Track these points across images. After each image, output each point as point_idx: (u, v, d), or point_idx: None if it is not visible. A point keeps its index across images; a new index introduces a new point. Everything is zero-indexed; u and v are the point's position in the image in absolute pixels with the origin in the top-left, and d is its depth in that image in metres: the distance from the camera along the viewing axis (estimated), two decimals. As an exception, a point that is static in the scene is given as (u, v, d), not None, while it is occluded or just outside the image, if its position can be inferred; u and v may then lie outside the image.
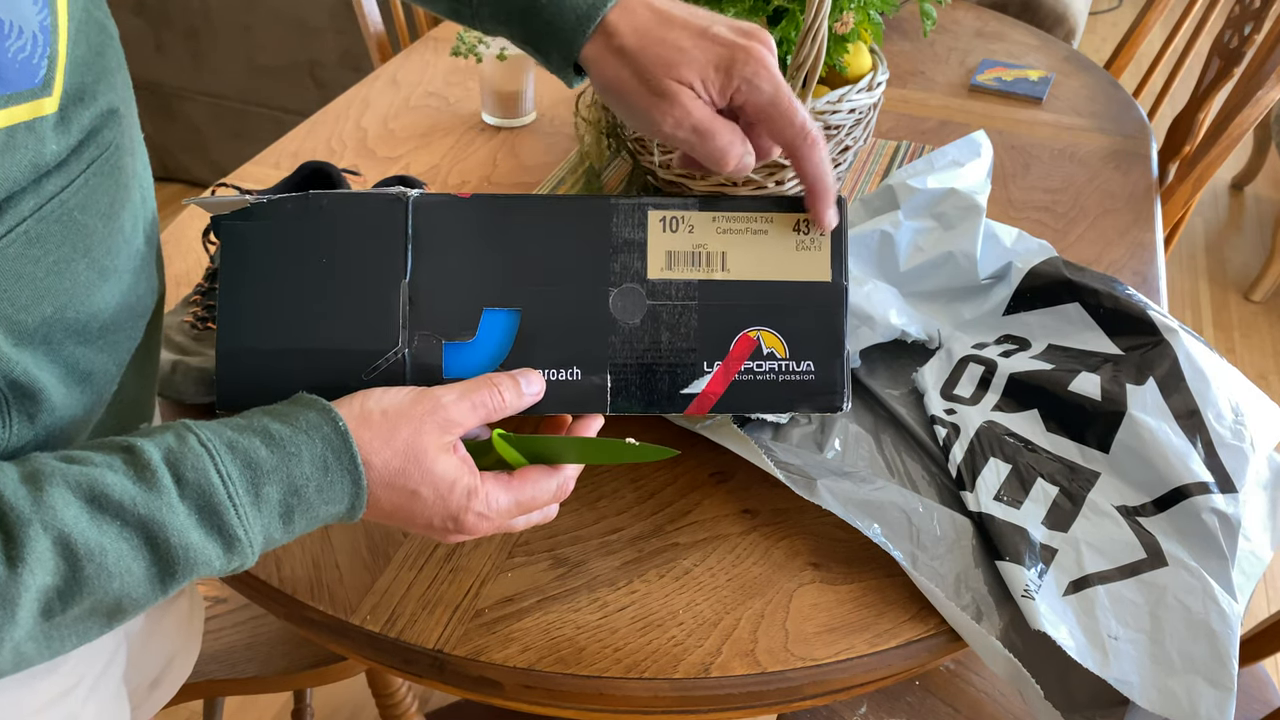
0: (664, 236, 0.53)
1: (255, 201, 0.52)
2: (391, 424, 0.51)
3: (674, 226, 0.53)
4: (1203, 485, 0.70)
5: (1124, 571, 0.68)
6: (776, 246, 0.54)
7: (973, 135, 0.97)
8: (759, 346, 0.55)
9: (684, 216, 0.53)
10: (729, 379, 0.56)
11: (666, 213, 0.53)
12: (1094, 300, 0.83)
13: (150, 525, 0.44)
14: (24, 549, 0.40)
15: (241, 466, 0.47)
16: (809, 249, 0.54)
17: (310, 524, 0.50)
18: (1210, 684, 0.63)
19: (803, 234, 0.54)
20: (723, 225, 0.54)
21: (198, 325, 0.83)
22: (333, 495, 0.49)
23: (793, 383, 0.56)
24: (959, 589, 0.68)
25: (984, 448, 0.76)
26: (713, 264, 0.54)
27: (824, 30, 0.92)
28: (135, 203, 0.52)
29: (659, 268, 0.54)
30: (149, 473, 0.45)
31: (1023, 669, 0.63)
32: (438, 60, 1.43)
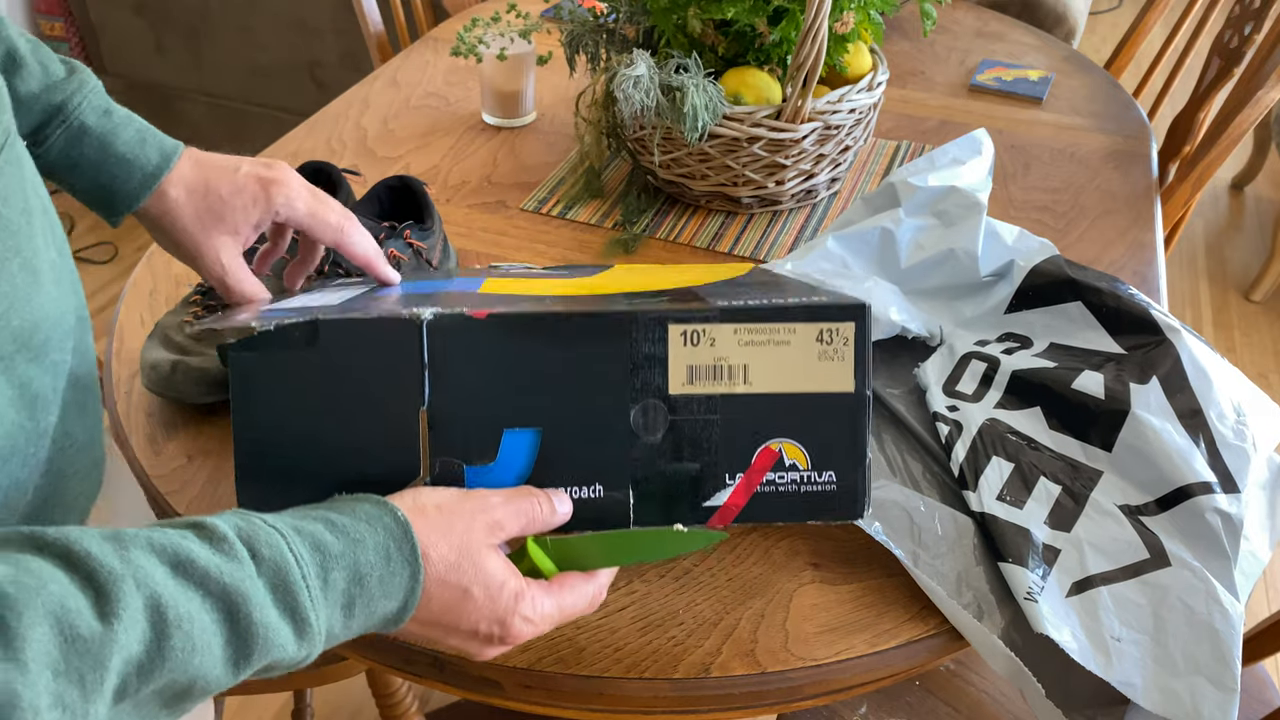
0: (685, 350, 0.53)
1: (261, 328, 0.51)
2: (447, 519, 0.50)
3: (695, 340, 0.53)
4: (1205, 485, 0.70)
5: (1127, 572, 0.68)
6: (799, 357, 0.53)
7: (973, 133, 0.97)
8: (781, 458, 0.55)
9: (705, 330, 0.52)
10: (751, 490, 0.56)
11: (688, 326, 0.52)
12: (1096, 299, 0.83)
13: (233, 597, 0.41)
14: (118, 605, 0.37)
15: (310, 549, 0.45)
16: (831, 359, 0.54)
17: (365, 622, 0.48)
18: (1213, 685, 0.63)
19: (826, 344, 0.53)
20: (745, 337, 0.53)
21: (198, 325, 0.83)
22: (391, 588, 0.48)
23: (814, 493, 0.56)
24: (960, 588, 0.68)
25: (986, 446, 0.76)
26: (735, 377, 0.53)
27: (824, 30, 0.92)
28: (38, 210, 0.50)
29: (680, 383, 0.53)
30: (226, 544, 0.43)
31: (1024, 668, 0.63)
32: (438, 60, 1.43)
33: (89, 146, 0.63)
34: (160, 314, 0.92)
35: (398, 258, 0.87)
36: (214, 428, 0.81)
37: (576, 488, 0.55)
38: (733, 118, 0.98)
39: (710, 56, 1.04)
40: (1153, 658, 0.64)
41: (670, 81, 0.96)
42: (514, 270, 0.77)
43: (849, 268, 0.89)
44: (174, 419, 0.81)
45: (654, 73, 0.96)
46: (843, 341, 0.53)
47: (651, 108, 0.97)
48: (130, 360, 0.87)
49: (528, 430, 0.53)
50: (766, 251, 1.04)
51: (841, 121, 1.01)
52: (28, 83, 0.61)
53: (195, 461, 0.78)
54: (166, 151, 0.65)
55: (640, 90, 0.96)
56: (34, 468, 0.51)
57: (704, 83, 0.96)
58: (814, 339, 0.53)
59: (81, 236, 2.40)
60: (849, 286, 0.85)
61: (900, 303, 0.87)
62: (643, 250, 1.04)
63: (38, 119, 0.62)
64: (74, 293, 0.53)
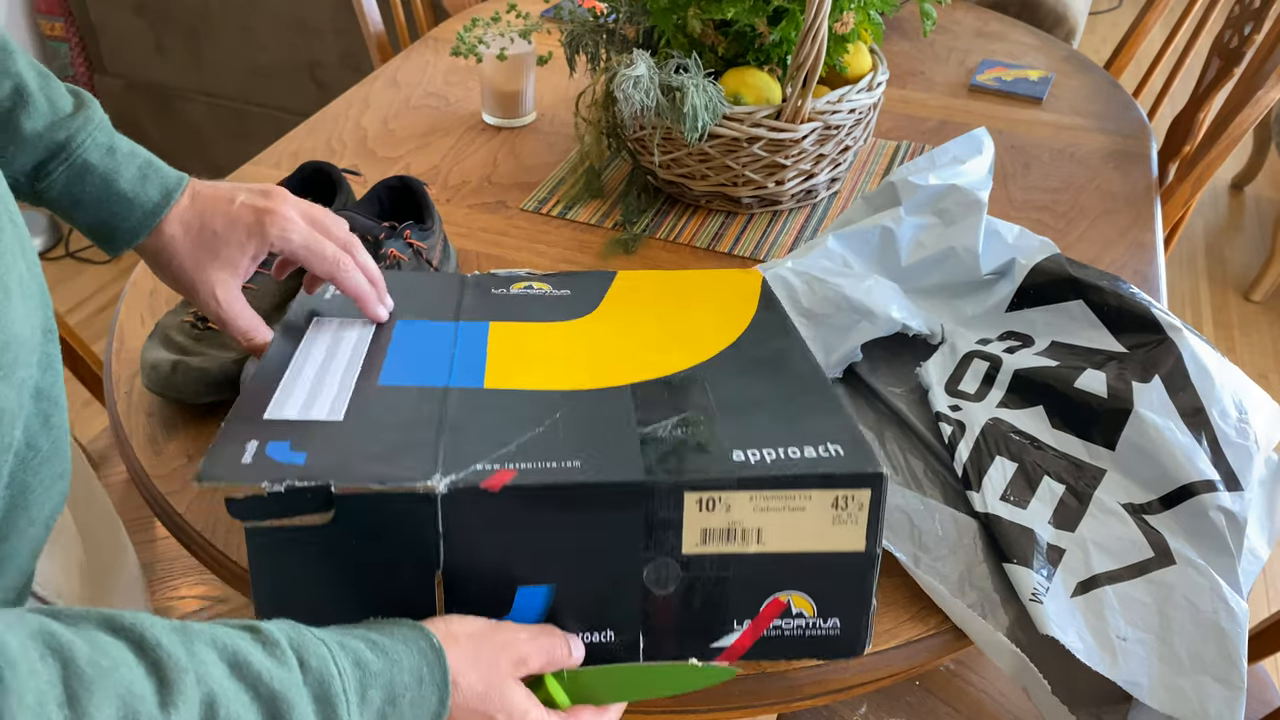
0: (700, 515, 0.53)
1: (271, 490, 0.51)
2: (476, 648, 0.52)
3: (711, 506, 0.53)
4: (1209, 483, 0.70)
5: (1132, 571, 0.68)
6: (813, 521, 0.53)
7: (974, 132, 0.97)
8: (789, 607, 0.56)
9: (721, 497, 0.52)
10: (757, 635, 0.57)
11: (704, 494, 0.52)
12: (1098, 298, 0.83)
13: (279, 702, 0.42)
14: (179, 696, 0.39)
15: (352, 664, 0.46)
16: (845, 522, 0.54)
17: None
18: (1220, 683, 0.63)
19: (841, 509, 0.53)
20: (761, 504, 0.53)
21: (198, 325, 0.83)
22: (421, 711, 0.49)
23: (818, 637, 0.57)
24: (963, 588, 0.68)
25: (990, 446, 0.76)
26: (748, 539, 0.54)
27: (824, 30, 0.92)
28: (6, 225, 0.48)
29: (694, 543, 0.53)
30: (279, 650, 0.44)
31: (1030, 663, 0.63)
32: (438, 60, 1.43)
33: (91, 184, 0.63)
34: (160, 314, 0.92)
35: (398, 258, 0.87)
36: (214, 428, 0.81)
37: (588, 633, 0.56)
38: (733, 118, 0.98)
39: (710, 56, 1.04)
40: (1159, 657, 0.64)
41: (670, 81, 0.96)
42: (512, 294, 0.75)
43: (850, 266, 0.89)
44: (174, 419, 0.81)
45: (654, 73, 0.96)
46: (858, 507, 0.53)
47: (651, 108, 0.97)
48: (130, 360, 0.87)
49: (541, 586, 0.54)
50: (766, 251, 1.04)
51: (841, 121, 1.01)
52: (34, 120, 0.61)
53: (195, 461, 0.78)
54: (169, 188, 0.66)
55: (640, 90, 0.96)
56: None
57: (704, 83, 0.96)
58: (829, 505, 0.53)
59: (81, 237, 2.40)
60: (850, 286, 0.85)
61: (901, 300, 0.87)
62: (643, 250, 1.04)
63: (41, 155, 0.62)
64: (42, 306, 0.52)
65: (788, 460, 0.53)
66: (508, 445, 0.54)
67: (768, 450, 0.54)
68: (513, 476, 0.51)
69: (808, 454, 0.54)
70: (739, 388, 0.61)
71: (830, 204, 1.12)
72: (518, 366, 0.63)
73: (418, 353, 0.64)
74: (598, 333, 0.69)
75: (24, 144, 0.61)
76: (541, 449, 0.54)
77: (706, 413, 0.58)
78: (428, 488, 0.51)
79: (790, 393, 0.61)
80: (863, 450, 0.54)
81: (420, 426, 0.56)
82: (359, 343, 0.66)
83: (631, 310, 0.73)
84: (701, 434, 0.56)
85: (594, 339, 0.68)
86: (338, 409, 0.57)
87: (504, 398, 0.59)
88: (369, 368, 0.62)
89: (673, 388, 0.61)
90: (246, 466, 0.51)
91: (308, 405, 0.57)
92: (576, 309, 0.73)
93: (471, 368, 0.63)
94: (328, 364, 0.62)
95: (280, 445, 0.53)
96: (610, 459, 0.53)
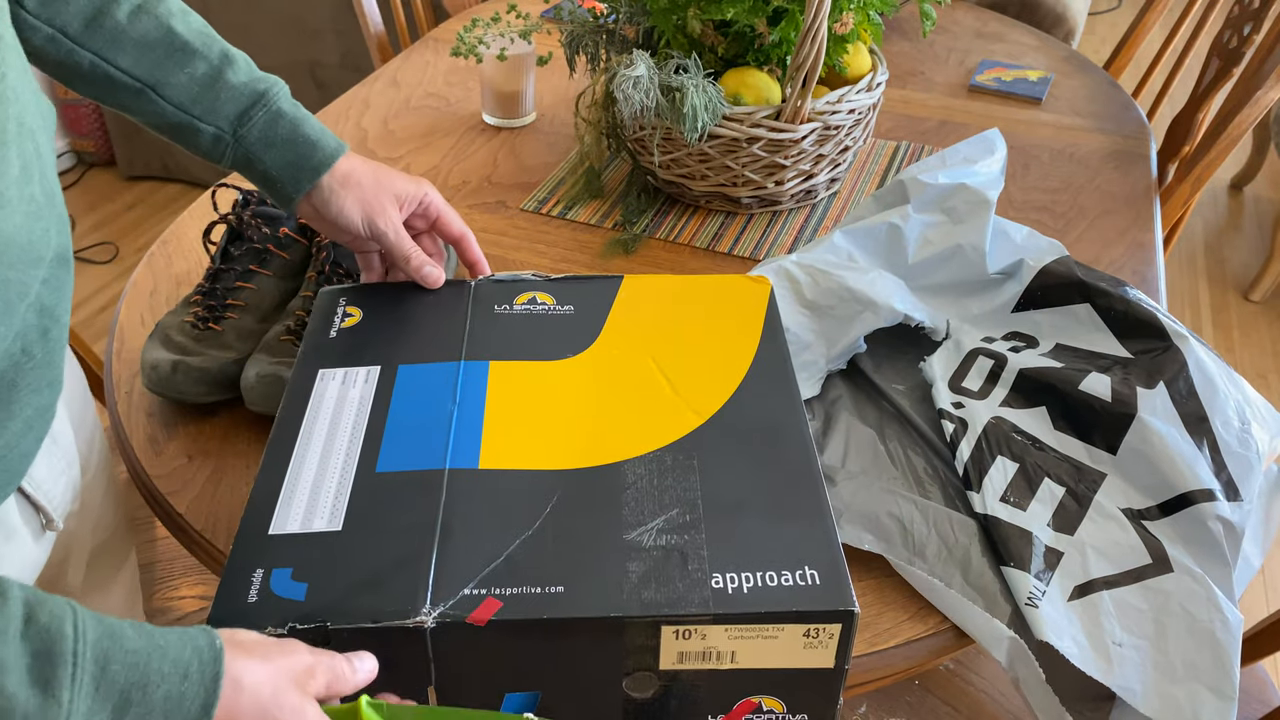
0: (676, 642, 0.56)
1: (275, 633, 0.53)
2: (265, 649, 0.50)
3: (686, 635, 0.55)
4: (1209, 492, 0.70)
5: (1129, 577, 0.68)
6: (785, 647, 0.56)
7: (987, 133, 0.97)
8: (759, 706, 0.59)
9: (697, 629, 0.55)
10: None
11: (680, 627, 0.55)
12: (1105, 302, 0.83)
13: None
14: None
15: (102, 634, 0.44)
16: (815, 648, 0.56)
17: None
18: (1213, 692, 0.62)
19: (811, 638, 0.56)
20: (735, 633, 0.55)
21: (198, 325, 0.83)
22: (177, 710, 0.45)
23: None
24: (965, 590, 0.68)
25: (991, 446, 0.76)
26: (722, 659, 0.57)
27: (824, 31, 0.92)
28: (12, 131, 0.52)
29: (670, 662, 0.56)
30: (3, 602, 0.42)
31: (1026, 650, 0.63)
32: (438, 61, 1.43)
33: (284, 127, 0.73)
34: (160, 314, 0.92)
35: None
36: (214, 428, 0.81)
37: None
38: (732, 118, 0.98)
39: (710, 57, 1.04)
40: (1153, 663, 0.64)
41: (670, 82, 0.96)
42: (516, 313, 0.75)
43: (855, 261, 0.89)
44: (174, 419, 0.81)
45: (654, 73, 0.97)
46: (828, 637, 0.56)
47: (651, 108, 0.97)
48: (130, 360, 0.87)
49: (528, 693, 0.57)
50: (766, 252, 1.04)
51: (841, 122, 1.02)
52: (238, 74, 0.72)
53: (195, 461, 0.78)
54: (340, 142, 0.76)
55: (640, 91, 0.96)
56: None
57: (704, 83, 0.96)
58: (801, 634, 0.56)
59: (82, 237, 2.40)
60: (853, 278, 0.85)
61: (905, 295, 0.87)
62: (643, 250, 1.04)
63: (245, 103, 0.72)
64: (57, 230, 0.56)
65: (765, 590, 0.55)
66: (496, 559, 0.57)
67: (746, 575, 0.56)
68: (498, 610, 0.54)
69: (784, 581, 0.56)
70: (727, 472, 0.63)
71: (830, 204, 1.12)
72: (514, 437, 0.65)
73: (416, 421, 0.66)
74: (596, 376, 0.70)
75: (233, 93, 0.71)
76: (528, 564, 0.56)
77: (693, 512, 0.60)
78: (417, 623, 0.54)
79: (776, 488, 0.62)
80: (838, 580, 0.56)
81: (415, 531, 0.58)
82: (360, 408, 0.67)
83: (633, 338, 0.73)
84: (685, 545, 0.58)
85: (591, 386, 0.69)
86: (337, 515, 0.60)
87: (498, 482, 0.62)
88: (369, 449, 0.64)
89: (664, 468, 0.63)
90: (252, 606, 0.55)
91: (309, 514, 0.60)
92: (578, 337, 0.73)
93: (468, 440, 0.65)
94: (329, 447, 0.64)
95: (283, 574, 0.56)
96: (591, 584, 0.56)
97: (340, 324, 0.75)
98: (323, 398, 0.68)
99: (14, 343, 0.54)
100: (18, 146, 0.53)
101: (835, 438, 0.80)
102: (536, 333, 0.74)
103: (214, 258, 0.88)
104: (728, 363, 0.71)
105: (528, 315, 0.76)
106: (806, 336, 0.83)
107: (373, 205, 0.75)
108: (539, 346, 0.72)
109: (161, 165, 2.58)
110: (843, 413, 0.82)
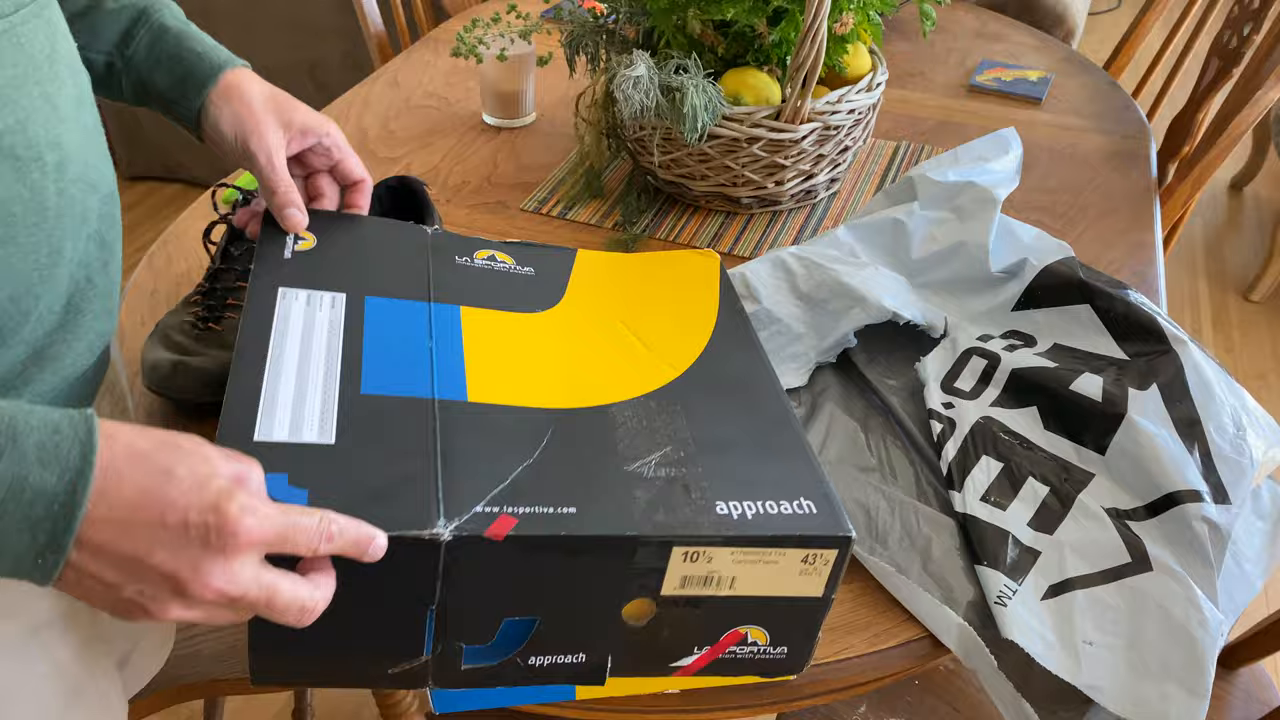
0: (683, 564, 0.56)
1: None
2: (159, 439, 0.46)
3: (694, 558, 0.55)
4: (1195, 494, 0.70)
5: (1106, 576, 0.68)
6: (782, 572, 0.57)
7: (1002, 131, 0.98)
8: (745, 637, 0.60)
9: (705, 551, 0.55)
10: (713, 658, 0.60)
11: (691, 548, 0.55)
12: (1106, 304, 0.83)
13: None
14: None
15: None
16: (809, 574, 0.58)
17: (16, 494, 0.42)
18: (1185, 690, 0.62)
19: (808, 564, 0.57)
20: (739, 557, 0.56)
21: (199, 325, 0.83)
22: (52, 458, 0.42)
23: (766, 660, 0.61)
24: (922, 581, 0.68)
25: (977, 445, 0.76)
26: (722, 584, 0.57)
27: (824, 31, 0.93)
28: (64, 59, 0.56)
29: (673, 587, 0.56)
30: None
31: (979, 641, 0.64)
32: (438, 61, 1.43)
33: (168, 43, 0.71)
34: (160, 314, 0.92)
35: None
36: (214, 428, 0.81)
37: (562, 655, 0.58)
38: (732, 118, 0.98)
39: (710, 57, 1.04)
40: (1125, 662, 0.64)
41: (670, 82, 0.96)
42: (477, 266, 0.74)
43: (857, 256, 0.89)
44: (174, 419, 0.81)
45: (654, 73, 0.97)
46: (823, 562, 0.57)
47: (651, 108, 0.97)
48: (131, 360, 0.87)
49: (527, 618, 0.56)
50: (765, 252, 1.04)
51: (841, 122, 1.02)
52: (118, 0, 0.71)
53: (196, 461, 0.78)
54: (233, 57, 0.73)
55: (640, 91, 0.96)
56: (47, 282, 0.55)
57: (704, 83, 0.96)
58: (799, 560, 0.57)
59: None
60: (847, 273, 0.85)
61: (902, 291, 0.87)
62: (643, 250, 1.04)
63: (126, 23, 0.71)
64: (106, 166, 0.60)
65: (767, 517, 0.56)
66: (503, 481, 0.55)
67: (748, 504, 0.57)
68: (514, 525, 0.52)
69: (784, 510, 0.57)
70: (711, 417, 0.63)
71: (829, 204, 1.12)
72: (497, 375, 0.63)
73: (395, 352, 0.63)
74: (568, 329, 0.69)
75: (111, 17, 0.71)
76: (536, 488, 0.55)
77: (686, 449, 0.60)
78: (433, 535, 0.51)
79: (759, 431, 0.63)
80: (833, 510, 0.58)
81: (413, 453, 0.56)
82: (332, 331, 0.64)
83: (598, 302, 0.73)
84: (685, 477, 0.58)
85: (565, 337, 0.68)
86: (327, 429, 0.56)
87: (490, 416, 0.60)
88: (348, 371, 0.61)
89: (650, 412, 0.63)
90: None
91: (296, 424, 0.56)
92: (544, 295, 0.73)
93: (452, 374, 0.63)
94: (305, 364, 0.61)
95: (279, 479, 0.52)
96: (603, 506, 0.55)
97: (294, 247, 0.70)
98: (289, 316, 0.64)
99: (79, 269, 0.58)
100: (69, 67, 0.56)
101: (817, 425, 0.80)
102: (502, 286, 0.72)
103: (214, 258, 0.88)
104: (692, 326, 0.72)
105: (489, 270, 0.74)
106: (798, 328, 0.84)
107: (248, 123, 0.70)
108: (507, 299, 0.71)
109: (161, 165, 2.58)
110: (828, 403, 0.83)
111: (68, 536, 0.43)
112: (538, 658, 0.57)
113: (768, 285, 0.86)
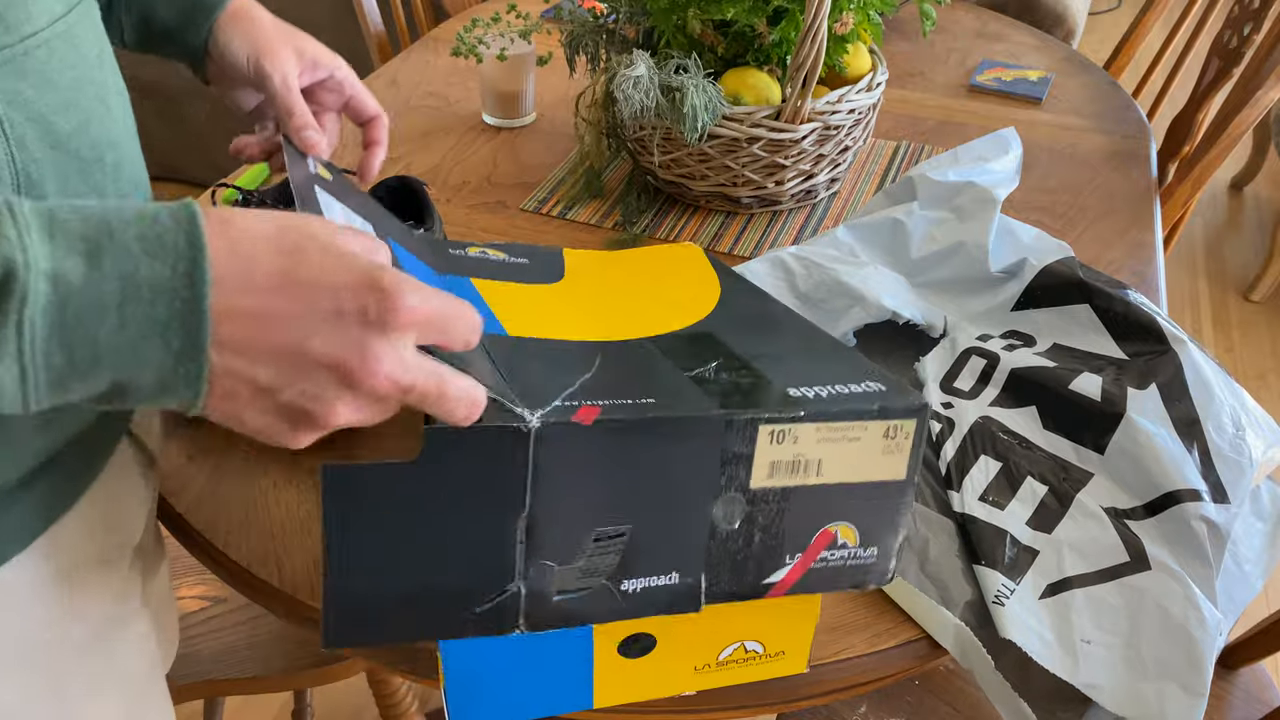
0: (770, 448, 0.54)
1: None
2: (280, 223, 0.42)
3: (780, 439, 0.54)
4: (1194, 493, 0.70)
5: (1104, 575, 0.68)
6: (866, 451, 0.56)
7: (1002, 131, 0.98)
8: (835, 538, 0.58)
9: (791, 429, 0.54)
10: (806, 568, 0.58)
11: (776, 427, 0.54)
12: (1105, 304, 0.83)
13: None
14: None
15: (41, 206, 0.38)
16: (893, 452, 0.57)
17: (128, 282, 0.38)
18: (1182, 689, 0.62)
19: (890, 439, 0.56)
20: (824, 435, 0.55)
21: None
22: (156, 246, 0.38)
23: (857, 566, 0.59)
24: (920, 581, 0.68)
25: (975, 445, 0.76)
26: (809, 471, 0.56)
27: (824, 31, 0.93)
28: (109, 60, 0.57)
29: (762, 477, 0.55)
30: None
31: (975, 640, 0.64)
32: (438, 60, 1.43)
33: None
34: (160, 314, 0.92)
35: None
36: (214, 428, 0.81)
37: (655, 576, 0.56)
38: (732, 118, 0.98)
39: (710, 57, 1.04)
40: (1123, 660, 0.64)
41: (670, 82, 0.96)
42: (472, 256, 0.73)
43: (856, 256, 0.89)
44: (174, 419, 0.81)
45: (654, 73, 0.97)
46: (904, 436, 0.56)
47: (651, 108, 0.97)
48: (131, 360, 0.87)
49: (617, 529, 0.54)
50: (766, 251, 1.04)
51: (841, 122, 1.02)
52: None
53: (195, 461, 0.78)
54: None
55: (640, 90, 0.96)
56: None
57: (704, 83, 0.96)
58: (882, 435, 0.56)
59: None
60: (846, 272, 0.85)
61: (901, 291, 0.87)
62: (642, 250, 1.04)
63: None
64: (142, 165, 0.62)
65: (842, 395, 0.55)
66: (571, 385, 0.53)
67: (819, 388, 0.56)
68: (600, 411, 0.50)
69: (854, 389, 0.56)
70: (750, 342, 0.62)
71: (830, 204, 1.12)
72: (531, 319, 0.62)
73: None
74: (582, 296, 0.69)
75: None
76: (607, 390, 0.53)
77: (739, 359, 0.59)
78: (521, 424, 0.48)
79: (802, 343, 0.62)
80: (902, 385, 0.57)
81: (477, 362, 0.52)
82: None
83: (601, 278, 0.73)
84: (747, 376, 0.57)
85: (582, 301, 0.68)
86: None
87: (537, 346, 0.58)
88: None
89: (690, 340, 0.62)
90: None
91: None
92: (546, 275, 0.72)
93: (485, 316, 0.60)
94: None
95: None
96: (679, 398, 0.53)
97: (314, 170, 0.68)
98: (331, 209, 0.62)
99: None
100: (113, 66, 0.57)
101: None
102: (502, 269, 0.72)
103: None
104: (698, 289, 0.71)
105: (485, 259, 0.73)
106: None
107: (261, 44, 0.68)
108: (513, 276, 0.70)
109: (160, 165, 2.58)
110: None
111: (202, 334, 0.39)
112: (630, 581, 0.55)
113: (767, 285, 0.86)
